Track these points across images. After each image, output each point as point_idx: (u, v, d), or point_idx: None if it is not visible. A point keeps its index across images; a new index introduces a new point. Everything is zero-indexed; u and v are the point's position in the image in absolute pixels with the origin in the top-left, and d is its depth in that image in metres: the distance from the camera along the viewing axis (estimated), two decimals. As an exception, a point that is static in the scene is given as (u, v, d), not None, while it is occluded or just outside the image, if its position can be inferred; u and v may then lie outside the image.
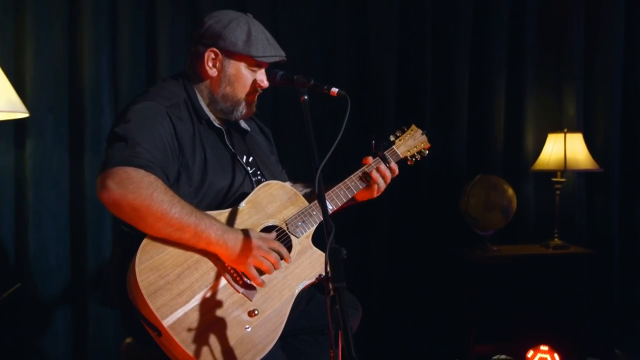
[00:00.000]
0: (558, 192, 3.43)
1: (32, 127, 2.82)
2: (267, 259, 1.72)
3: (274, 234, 1.81)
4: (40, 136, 2.84)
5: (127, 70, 2.97)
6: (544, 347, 3.26)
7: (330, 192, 1.99)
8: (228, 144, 1.92)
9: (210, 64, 1.89)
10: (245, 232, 1.72)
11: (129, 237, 1.70)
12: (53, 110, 2.87)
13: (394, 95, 3.41)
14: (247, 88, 1.91)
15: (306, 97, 1.74)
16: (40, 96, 2.83)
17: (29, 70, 2.81)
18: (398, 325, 3.44)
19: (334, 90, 1.78)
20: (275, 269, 1.75)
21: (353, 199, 2.05)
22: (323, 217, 1.52)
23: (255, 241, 1.70)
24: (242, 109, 1.93)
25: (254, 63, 1.89)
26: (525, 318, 3.53)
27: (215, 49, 1.88)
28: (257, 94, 1.95)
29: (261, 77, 1.92)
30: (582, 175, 3.65)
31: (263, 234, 1.76)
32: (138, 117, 1.72)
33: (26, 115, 2.58)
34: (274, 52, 1.90)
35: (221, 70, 1.89)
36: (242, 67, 1.89)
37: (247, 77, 1.90)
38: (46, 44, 2.84)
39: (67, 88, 2.92)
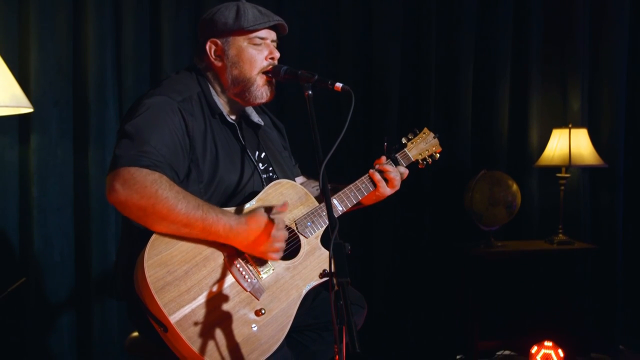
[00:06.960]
0: (562, 187, 3.42)
1: (37, 122, 2.82)
2: (278, 242, 1.70)
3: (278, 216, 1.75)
4: (44, 131, 2.84)
5: (131, 65, 2.96)
6: (548, 343, 3.26)
7: (340, 193, 1.97)
8: (240, 138, 1.91)
9: (214, 55, 1.89)
10: (252, 221, 1.68)
11: (138, 229, 1.69)
12: (57, 105, 2.87)
13: (398, 90, 3.39)
14: (255, 64, 1.87)
15: (310, 92, 1.73)
16: (44, 91, 2.83)
17: (33, 65, 2.81)
18: (402, 320, 3.44)
19: (338, 85, 1.75)
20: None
21: (361, 202, 2.03)
22: (327, 211, 1.51)
23: (267, 230, 1.68)
24: (257, 89, 1.88)
25: (250, 36, 1.86)
26: (529, 314, 3.53)
27: (213, 39, 1.87)
28: (273, 74, 1.88)
29: (268, 49, 1.89)
30: (586, 170, 3.63)
31: (268, 217, 1.70)
32: (149, 113, 1.71)
33: (30, 110, 2.58)
34: (267, 19, 1.87)
35: (224, 57, 1.87)
36: (242, 44, 1.86)
37: (250, 53, 1.86)
38: (50, 38, 2.83)
39: (71, 83, 2.91)
